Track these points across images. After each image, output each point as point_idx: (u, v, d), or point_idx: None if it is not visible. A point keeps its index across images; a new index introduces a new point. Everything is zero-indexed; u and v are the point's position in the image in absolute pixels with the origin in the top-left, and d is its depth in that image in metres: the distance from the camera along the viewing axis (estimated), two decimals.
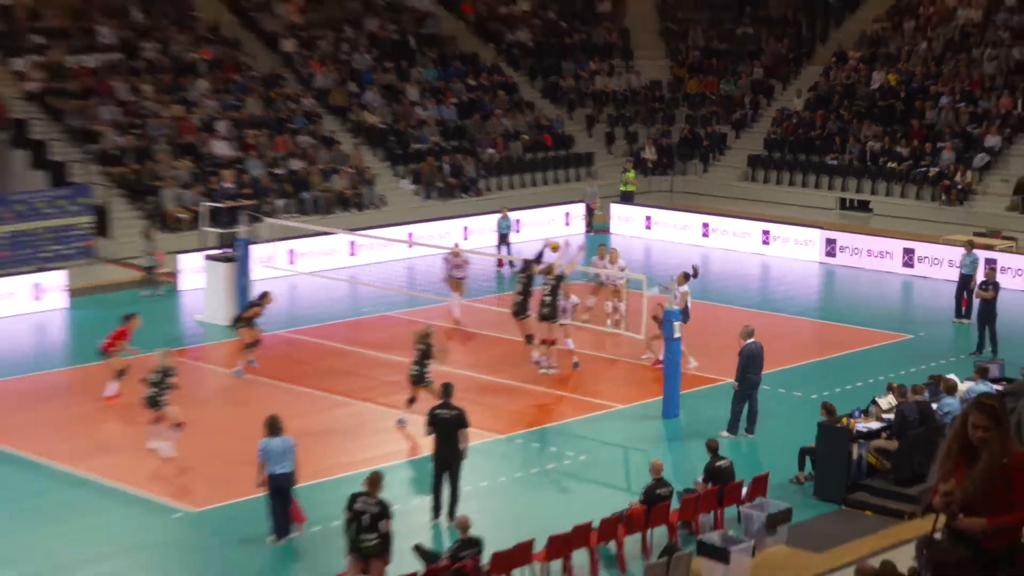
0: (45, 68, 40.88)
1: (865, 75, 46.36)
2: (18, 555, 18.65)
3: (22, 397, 26.77)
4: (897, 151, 42.96)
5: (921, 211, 41.01)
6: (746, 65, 49.64)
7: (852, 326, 31.81)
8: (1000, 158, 41.50)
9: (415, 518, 19.78)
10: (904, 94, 44.88)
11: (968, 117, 42.99)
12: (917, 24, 47.58)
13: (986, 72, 44.15)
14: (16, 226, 35.10)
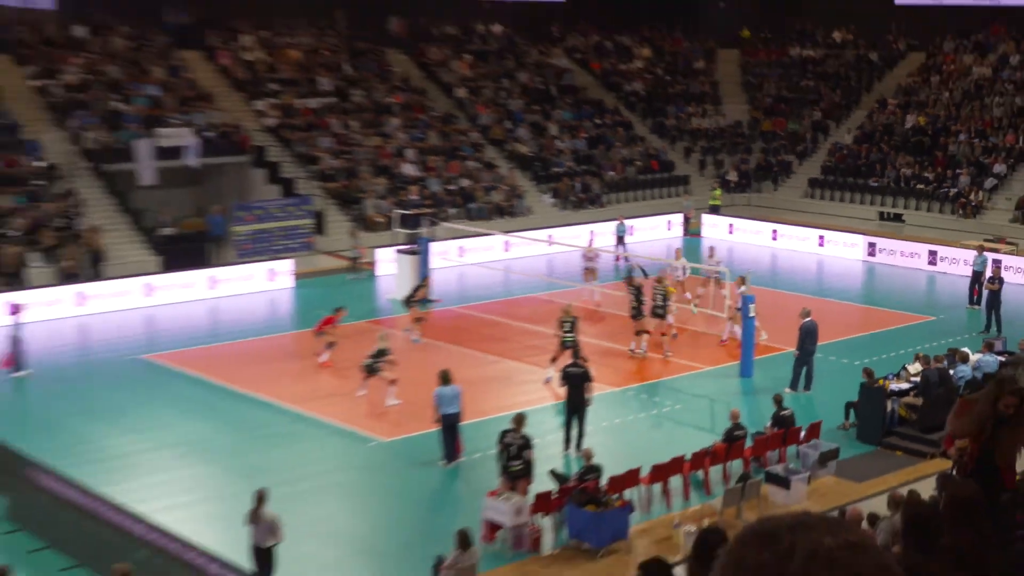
0: (279, 108, 42.78)
1: (900, 117, 47.44)
2: (258, 469, 19.37)
3: (259, 354, 27.95)
4: (924, 175, 44.23)
5: (943, 222, 41.94)
6: (808, 109, 50.60)
7: (888, 310, 32.32)
8: (1005, 182, 42.62)
9: (551, 450, 20.28)
10: (931, 132, 45.97)
11: (980, 150, 44.16)
12: (941, 78, 48.59)
13: (995, 115, 45.25)
14: (256, 226, 36.43)
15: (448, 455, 20.16)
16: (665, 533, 17.37)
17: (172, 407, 23.67)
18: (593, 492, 16.88)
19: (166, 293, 33.22)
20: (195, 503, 18.78)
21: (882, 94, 50.20)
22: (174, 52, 44.16)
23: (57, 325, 30.10)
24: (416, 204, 39.76)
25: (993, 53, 49.08)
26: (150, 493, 18.63)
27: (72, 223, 35.00)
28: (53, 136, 38.22)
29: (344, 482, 19.99)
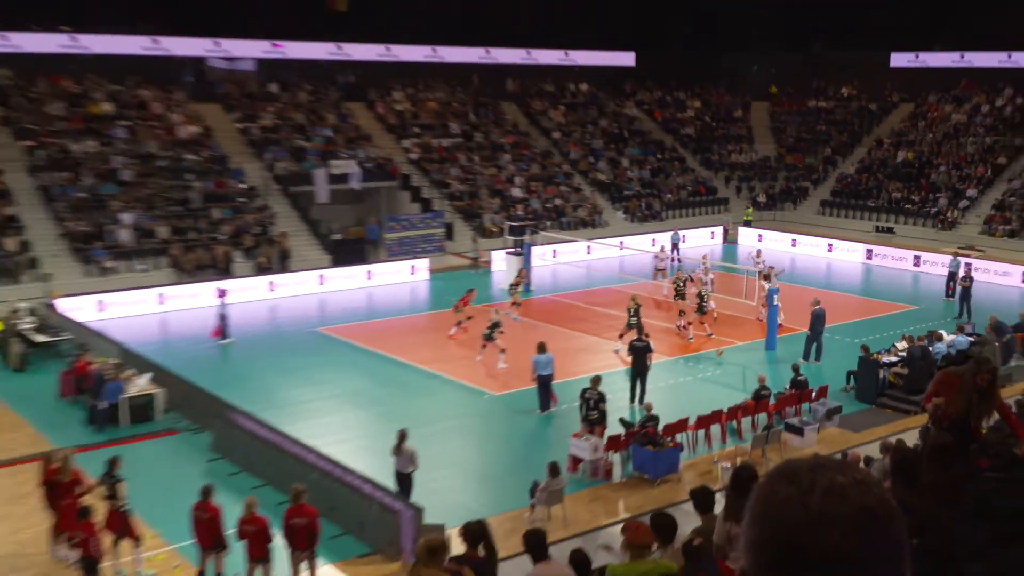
0: (420, 146, 43.13)
1: (893, 153, 46.79)
2: (400, 415, 19.09)
3: (402, 328, 28.20)
4: (911, 198, 43.66)
5: (925, 234, 41.35)
6: (821, 147, 49.97)
7: (881, 300, 31.87)
8: (975, 203, 41.92)
9: (620, 403, 20.24)
10: (917, 164, 45.29)
11: (956, 178, 43.48)
12: (926, 123, 47.83)
13: (968, 151, 44.58)
14: (401, 233, 36.78)
15: (542, 406, 20.31)
16: (707, 468, 17.45)
17: (337, 367, 24.00)
18: (652, 436, 16.95)
19: (334, 282, 33.60)
20: (353, 439, 18.93)
21: (879, 136, 49.59)
22: (343, 103, 44.71)
23: (253, 306, 30.57)
24: (521, 218, 39.94)
25: (967, 103, 48.22)
26: (319, 431, 18.83)
27: (266, 230, 35.63)
28: (252, 165, 38.90)
29: (464, 426, 19.96)
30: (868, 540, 1.37)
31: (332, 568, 13.62)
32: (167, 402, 20.33)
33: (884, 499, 1.42)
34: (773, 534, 1.40)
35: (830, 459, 1.49)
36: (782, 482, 1.43)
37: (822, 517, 1.37)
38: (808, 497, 1.38)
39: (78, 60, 39.75)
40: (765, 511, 1.43)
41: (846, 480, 1.40)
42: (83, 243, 32.64)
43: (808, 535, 1.37)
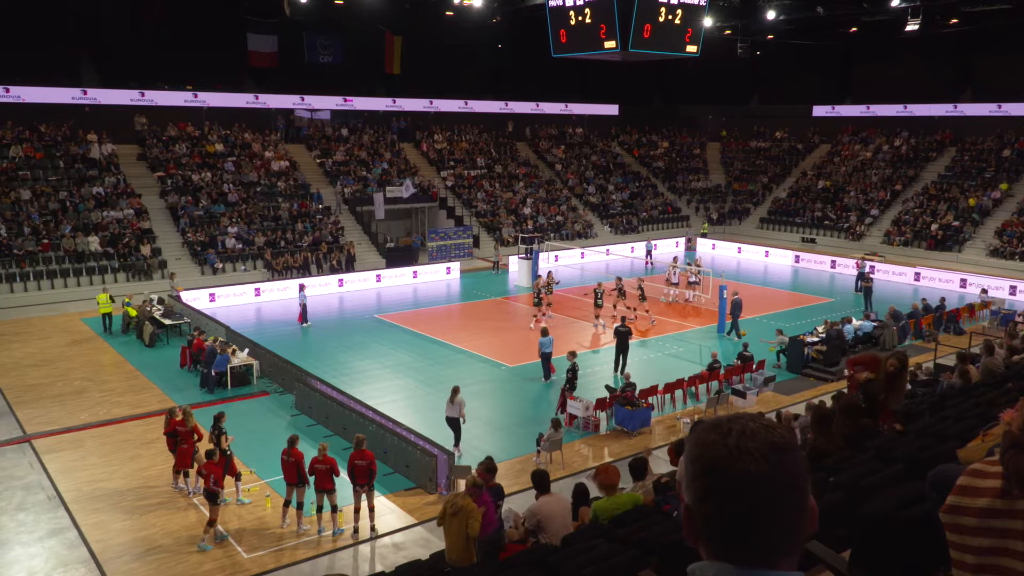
0: (454, 176, 42.96)
1: (815, 182, 46.21)
2: (437, 381, 19.50)
3: (440, 315, 28.18)
4: (829, 215, 43.15)
5: (840, 243, 40.89)
6: (760, 177, 49.38)
7: (804, 294, 31.44)
8: (878, 220, 41.41)
9: (606, 372, 20.41)
10: (833, 190, 44.76)
11: (863, 201, 42.88)
12: (840, 159, 47.26)
13: (872, 181, 44.03)
14: (439, 242, 36.81)
15: (545, 376, 20.17)
16: (672, 423, 17.32)
17: (390, 344, 23.84)
18: (630, 398, 16.93)
19: (388, 280, 33.45)
20: (401, 399, 18.81)
21: (804, 168, 49.03)
22: (397, 143, 44.52)
23: (327, 298, 30.57)
24: (530, 231, 39.66)
25: (872, 144, 47.65)
26: (376, 393, 18.79)
27: (337, 239, 35.62)
28: (327, 190, 38.89)
29: (486, 390, 19.78)
30: (774, 467, 1.37)
31: (384, 499, 13.57)
32: (261, 371, 20.35)
33: (786, 437, 1.41)
34: (703, 469, 1.40)
35: (746, 413, 1.50)
36: (708, 431, 1.44)
37: (738, 451, 1.38)
38: (727, 438, 1.39)
39: (198, 111, 39.87)
40: (695, 454, 1.43)
41: (756, 425, 1.42)
42: (199, 249, 32.71)
43: (729, 466, 1.37)
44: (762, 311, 27.81)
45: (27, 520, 12.85)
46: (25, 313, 27.15)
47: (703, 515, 1.41)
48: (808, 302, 30.13)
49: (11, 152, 33.63)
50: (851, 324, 22.29)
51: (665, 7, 19.86)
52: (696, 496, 1.42)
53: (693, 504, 1.43)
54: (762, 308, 28.30)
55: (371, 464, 12.28)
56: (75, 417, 17.56)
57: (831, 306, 28.87)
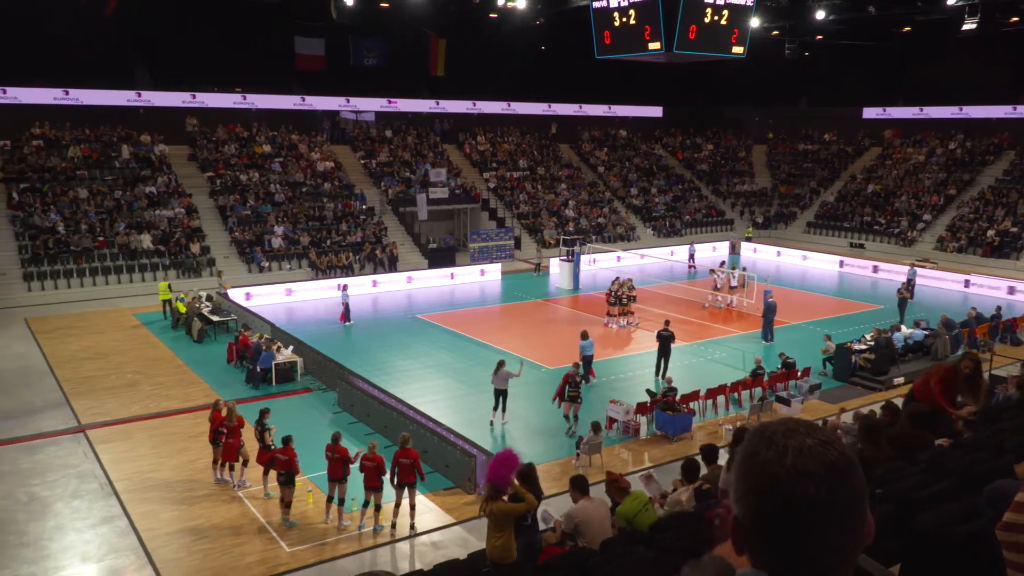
0: (496, 177, 43.09)
1: (864, 185, 45.40)
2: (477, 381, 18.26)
3: (479, 316, 28.10)
4: (879, 220, 42.31)
5: (889, 249, 40.19)
6: (807, 180, 48.70)
7: (852, 300, 30.81)
8: (930, 225, 40.58)
9: (647, 376, 20.21)
10: (883, 195, 43.96)
11: (915, 205, 42.05)
12: (892, 162, 46.41)
13: (925, 185, 43.10)
14: (481, 244, 36.55)
15: (585, 377, 19.80)
16: (713, 429, 17.09)
17: (430, 344, 23.89)
18: (671, 403, 16.76)
19: (429, 280, 33.54)
20: (442, 399, 18.87)
21: (853, 172, 48.13)
22: (440, 144, 44.71)
23: (369, 297, 30.78)
24: (572, 233, 39.47)
25: (925, 147, 46.56)
26: (417, 392, 18.85)
27: (380, 239, 35.89)
28: (371, 191, 39.23)
29: (526, 391, 19.66)
30: (833, 489, 1.33)
31: (423, 497, 13.58)
32: (304, 368, 20.56)
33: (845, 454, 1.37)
34: (757, 487, 1.36)
35: (799, 422, 1.42)
36: (761, 445, 1.38)
37: (795, 472, 1.33)
38: (784, 458, 1.34)
39: (247, 113, 40.55)
40: (749, 470, 1.38)
41: (813, 441, 1.36)
42: (247, 248, 33.23)
43: (786, 488, 1.33)
44: (807, 317, 27.35)
45: (81, 507, 13.21)
46: (81, 308, 27.87)
47: (755, 531, 1.38)
48: (855, 309, 29.49)
49: (70, 152, 34.56)
50: (901, 332, 21.80)
51: (711, 8, 19.62)
52: (748, 512, 1.38)
53: (744, 519, 1.39)
54: (807, 314, 27.84)
55: (415, 463, 12.36)
56: (127, 409, 17.96)
57: (879, 314, 28.26)
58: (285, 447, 12.70)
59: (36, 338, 23.94)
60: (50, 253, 29.82)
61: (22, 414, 17.61)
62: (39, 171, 33.10)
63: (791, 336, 24.20)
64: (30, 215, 30.96)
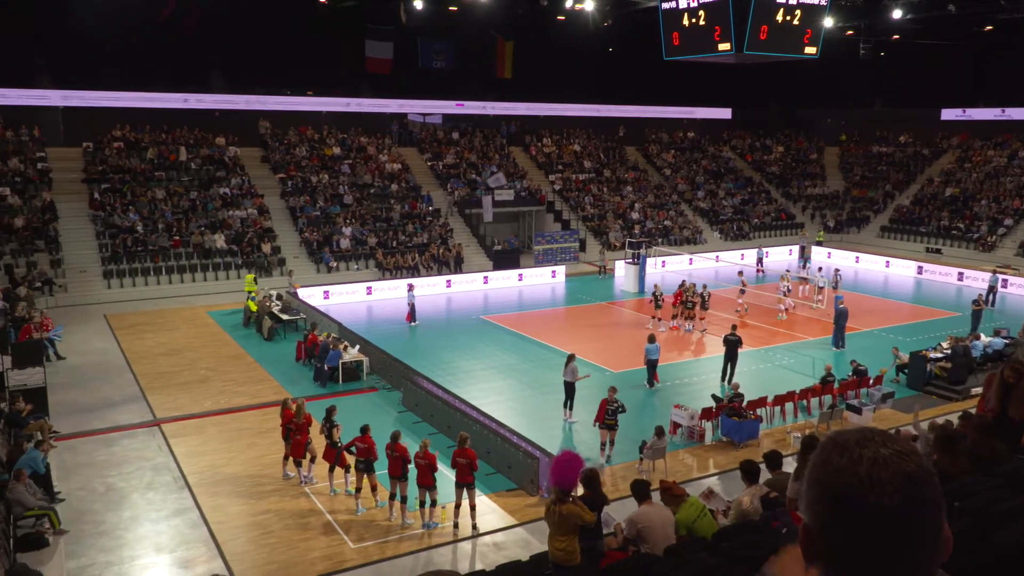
0: (562, 179, 43.09)
1: (942, 189, 44.23)
2: (541, 383, 19.77)
3: (544, 318, 28.29)
4: (958, 225, 41.15)
5: (968, 254, 39.12)
6: (882, 183, 47.54)
7: (929, 307, 30.06)
8: (1011, 230, 39.41)
9: (713, 381, 20.04)
10: (962, 198, 42.76)
11: (995, 210, 40.84)
12: (972, 164, 45.10)
13: (1007, 188, 41.79)
14: (546, 246, 36.30)
15: (649, 381, 19.93)
16: (781, 437, 16.77)
17: (495, 346, 23.99)
18: (737, 409, 16.54)
19: (495, 282, 33.69)
20: (504, 400, 18.93)
21: (930, 175, 46.74)
22: (506, 147, 44.93)
23: (435, 298, 30.98)
24: (638, 236, 39.05)
25: (1007, 149, 44.95)
26: (480, 393, 18.94)
27: (446, 241, 36.19)
28: (438, 193, 39.60)
29: (590, 395, 19.30)
30: (909, 500, 1.29)
31: (486, 498, 13.66)
32: (370, 367, 20.82)
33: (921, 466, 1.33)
34: (830, 495, 1.33)
35: (874, 431, 1.39)
36: (835, 453, 1.35)
37: (870, 481, 1.29)
38: (858, 466, 1.31)
39: (318, 115, 41.45)
40: (821, 477, 1.35)
41: (888, 451, 1.32)
42: (316, 248, 33.93)
43: (859, 497, 1.30)
44: (881, 324, 26.62)
45: (155, 499, 13.67)
46: (157, 305, 28.85)
47: (825, 541, 1.34)
48: (932, 316, 28.71)
49: (148, 154, 35.83)
50: (980, 340, 21.14)
51: (783, 7, 19.24)
52: (819, 521, 1.35)
53: (814, 528, 1.36)
54: (880, 321, 27.10)
55: (472, 463, 12.43)
56: (199, 404, 18.50)
57: (956, 321, 27.36)
58: (364, 435, 13.09)
59: (114, 334, 24.84)
60: (129, 252, 30.95)
61: (100, 407, 18.28)
62: (119, 172, 34.39)
63: (863, 343, 23.62)
64: (110, 215, 32.20)
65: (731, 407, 16.51)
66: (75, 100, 35.75)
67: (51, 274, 29.00)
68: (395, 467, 12.80)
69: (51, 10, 33.21)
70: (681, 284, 26.76)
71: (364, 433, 13.10)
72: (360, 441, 13.06)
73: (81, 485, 14.15)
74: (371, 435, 13.08)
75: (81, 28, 33.21)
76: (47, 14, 33.38)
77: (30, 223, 30.58)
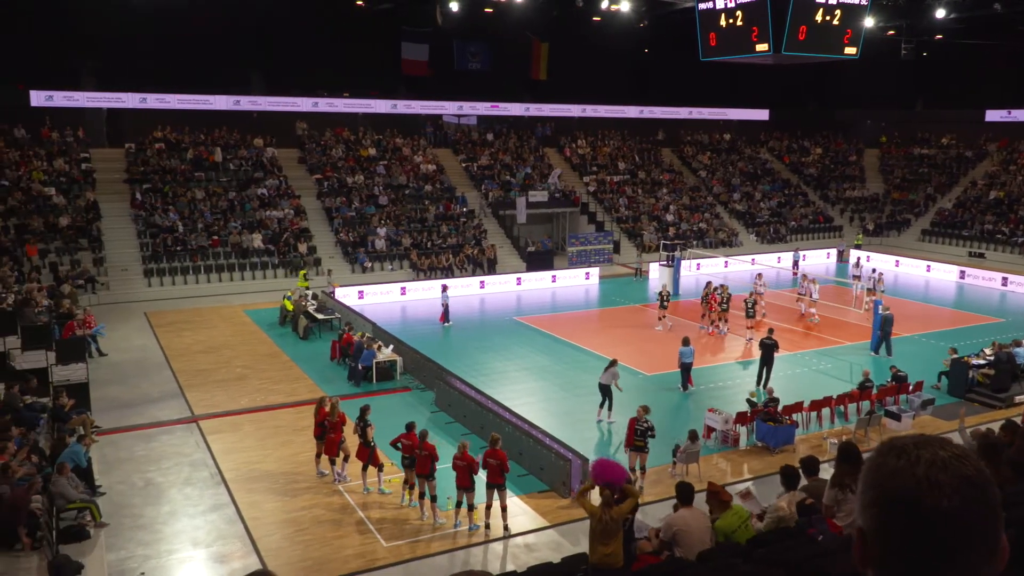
0: (596, 181, 42.90)
1: (986, 192, 43.47)
2: (574, 385, 19.79)
3: (577, 320, 27.99)
4: (1002, 229, 40.41)
5: (1013, 259, 38.37)
6: (923, 186, 46.80)
7: (972, 312, 29.39)
8: None
9: (748, 385, 19.76)
10: (1007, 202, 41.98)
11: None
12: (1017, 167, 44.22)
13: None
14: (579, 247, 36.75)
15: (684, 385, 19.79)
16: (817, 443, 16.54)
17: (528, 347, 23.96)
18: (772, 414, 16.38)
19: (528, 283, 33.63)
20: (537, 402, 18.90)
21: (974, 177, 45.84)
22: (540, 148, 44.93)
23: (468, 299, 31.01)
24: (673, 238, 38.93)
25: None
26: (513, 394, 18.94)
27: (479, 242, 36.26)
28: (472, 194, 39.74)
29: (622, 397, 19.18)
30: (967, 503, 1.27)
31: (518, 499, 13.66)
32: (404, 367, 20.93)
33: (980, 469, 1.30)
34: (886, 498, 1.31)
35: (931, 436, 1.37)
36: (891, 455, 1.33)
37: (928, 484, 1.27)
38: (916, 468, 1.29)
39: (354, 117, 41.81)
40: (877, 480, 1.33)
41: (947, 454, 1.30)
42: (351, 248, 34.21)
43: (916, 499, 1.27)
44: (921, 330, 26.16)
45: (192, 494, 13.89)
46: (195, 303, 29.29)
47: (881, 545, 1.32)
48: (974, 321, 28.08)
49: (188, 155, 36.43)
50: (1020, 347, 20.50)
51: (823, 7, 18.97)
52: (874, 524, 1.32)
53: (869, 531, 1.33)
54: (921, 326, 26.63)
55: (503, 464, 12.46)
56: (236, 402, 18.76)
57: (1000, 327, 26.84)
58: (408, 432, 13.22)
59: (154, 331, 25.30)
60: (168, 251, 31.48)
61: (140, 403, 18.63)
62: (160, 172, 35.01)
63: (903, 348, 23.26)
64: (151, 214, 32.79)
65: (766, 412, 16.34)
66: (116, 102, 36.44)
67: (94, 272, 29.62)
68: (423, 465, 12.87)
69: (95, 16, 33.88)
70: (707, 285, 26.69)
71: (409, 430, 13.23)
72: (405, 438, 13.20)
73: (121, 479, 14.42)
74: (416, 433, 13.28)
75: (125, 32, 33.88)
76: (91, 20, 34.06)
77: (74, 222, 31.26)
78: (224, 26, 35.62)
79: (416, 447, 13.02)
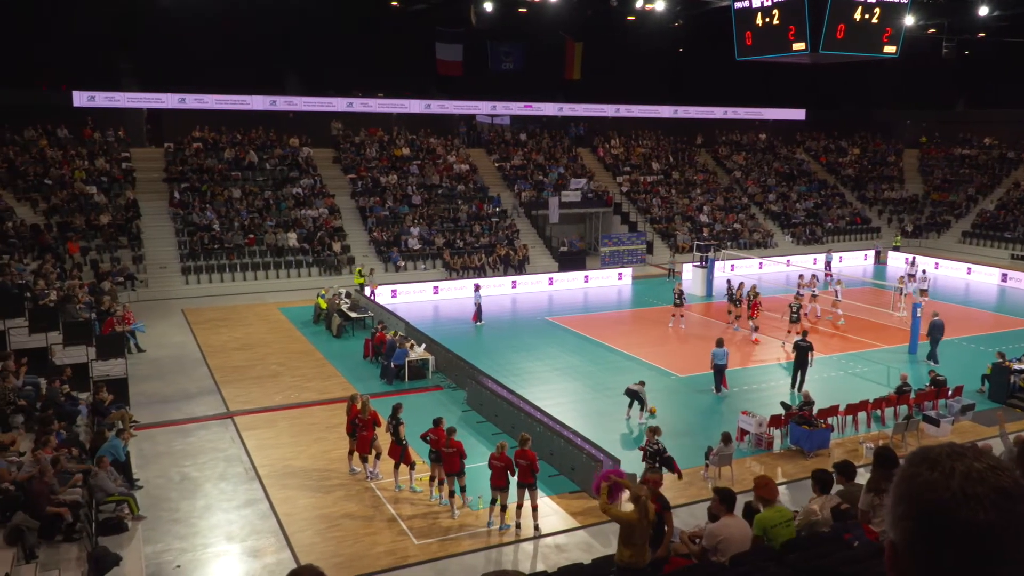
0: (629, 181, 42.75)
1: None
2: (605, 387, 19.62)
3: (610, 320, 27.89)
4: None
5: None
6: (964, 187, 46.09)
7: (1014, 316, 28.76)
8: None
9: (782, 389, 19.61)
10: None
11: None
12: None
13: None
14: (612, 248, 36.46)
15: (717, 387, 19.61)
16: (853, 447, 16.35)
17: (560, 347, 23.90)
18: (807, 417, 16.19)
19: (560, 283, 33.57)
20: (568, 402, 18.86)
21: (1017, 179, 44.89)
22: (573, 148, 44.83)
23: (500, 298, 31.06)
24: (706, 239, 38.35)
25: None
26: (544, 394, 18.92)
27: (512, 242, 36.27)
28: (505, 194, 39.74)
29: (654, 399, 19.01)
30: (1004, 516, 1.23)
31: (548, 499, 13.66)
32: (436, 366, 21.01)
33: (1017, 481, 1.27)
34: (920, 511, 1.27)
35: (964, 446, 1.33)
36: (924, 466, 1.29)
37: (963, 497, 1.24)
38: (950, 480, 1.25)
39: (388, 117, 42.06)
40: (910, 492, 1.29)
41: (982, 465, 1.27)
42: (384, 247, 34.42)
43: (951, 512, 1.24)
44: (962, 333, 25.66)
45: (227, 489, 14.08)
46: (232, 301, 29.68)
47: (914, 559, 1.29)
48: (1017, 325, 27.49)
49: (225, 155, 36.92)
50: None
51: (862, 6, 18.68)
52: (908, 537, 1.29)
53: (901, 544, 1.31)
54: (962, 330, 26.11)
55: (532, 464, 12.46)
56: (270, 398, 18.98)
57: None
58: (436, 428, 13.28)
59: (191, 328, 25.68)
60: (206, 249, 31.94)
61: (177, 399, 18.93)
62: (198, 172, 35.53)
63: (942, 352, 22.71)
64: (189, 213, 33.29)
65: (801, 415, 16.17)
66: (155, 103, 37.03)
67: (133, 269, 30.15)
68: (450, 463, 12.91)
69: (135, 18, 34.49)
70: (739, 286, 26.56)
71: (436, 425, 13.29)
72: (433, 432, 13.26)
73: (159, 473, 14.67)
74: (444, 428, 13.31)
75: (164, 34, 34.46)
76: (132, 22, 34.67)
77: (115, 220, 31.85)
78: (260, 27, 36.05)
79: (443, 443, 13.05)
